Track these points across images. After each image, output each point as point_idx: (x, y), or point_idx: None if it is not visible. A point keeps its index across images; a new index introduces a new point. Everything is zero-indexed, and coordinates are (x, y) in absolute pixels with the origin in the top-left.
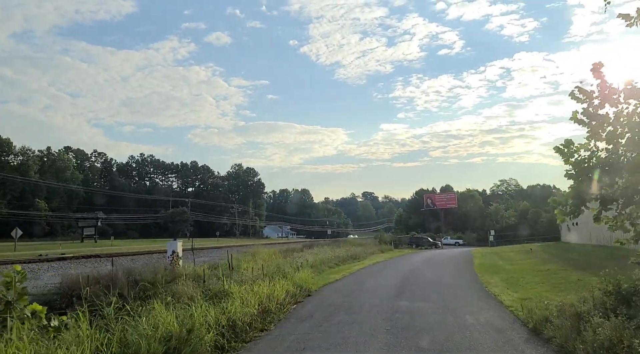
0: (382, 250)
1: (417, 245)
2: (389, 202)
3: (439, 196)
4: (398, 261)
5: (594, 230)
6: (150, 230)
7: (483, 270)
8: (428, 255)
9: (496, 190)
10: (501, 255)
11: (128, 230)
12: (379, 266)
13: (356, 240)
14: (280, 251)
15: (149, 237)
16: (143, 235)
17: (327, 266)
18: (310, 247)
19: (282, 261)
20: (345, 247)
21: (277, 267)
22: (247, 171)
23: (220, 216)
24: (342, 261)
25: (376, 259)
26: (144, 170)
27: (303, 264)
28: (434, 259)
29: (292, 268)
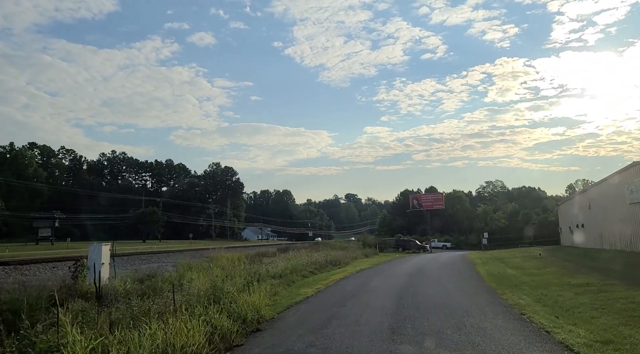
0: (367, 254)
1: (404, 248)
2: (372, 204)
3: (425, 196)
4: (386, 269)
5: (607, 233)
6: (119, 231)
7: (497, 283)
8: (419, 261)
9: (482, 191)
10: (506, 261)
11: (97, 232)
12: (364, 276)
13: (337, 243)
14: (248, 256)
15: (115, 239)
16: (112, 236)
17: (300, 275)
18: (284, 251)
19: (242, 270)
20: (325, 251)
21: (214, 286)
22: (225, 170)
23: (196, 218)
24: (319, 268)
25: (360, 265)
26: (116, 169)
27: (263, 275)
28: (428, 266)
29: (241, 283)
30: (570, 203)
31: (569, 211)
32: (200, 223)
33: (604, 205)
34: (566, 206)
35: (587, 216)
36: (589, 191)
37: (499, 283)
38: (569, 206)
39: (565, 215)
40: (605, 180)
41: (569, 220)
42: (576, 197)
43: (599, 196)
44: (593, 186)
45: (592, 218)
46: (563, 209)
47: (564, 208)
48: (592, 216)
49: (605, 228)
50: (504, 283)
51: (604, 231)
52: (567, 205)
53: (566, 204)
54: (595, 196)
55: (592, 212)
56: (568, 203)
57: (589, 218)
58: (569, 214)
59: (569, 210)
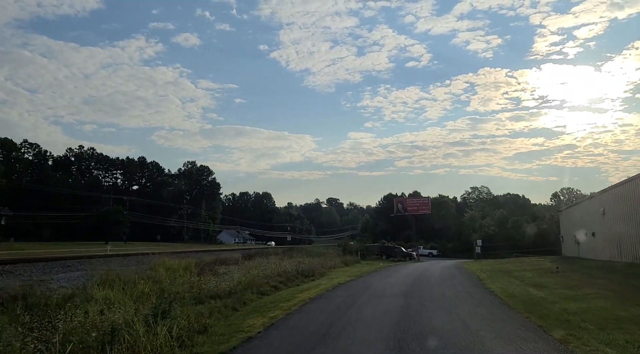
0: (347, 262)
1: (388, 255)
2: (354, 209)
3: (410, 200)
4: (371, 284)
5: (627, 243)
6: (82, 231)
7: (533, 313)
8: (409, 272)
9: (468, 197)
10: (516, 275)
11: (59, 231)
12: (342, 296)
13: (315, 248)
14: (201, 265)
15: (75, 239)
16: (73, 236)
17: (258, 293)
18: (250, 257)
19: (182, 284)
20: (298, 258)
21: None
22: (200, 169)
23: (167, 218)
24: (286, 281)
25: (338, 277)
26: (84, 165)
27: (205, 292)
28: (423, 280)
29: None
30: (575, 209)
31: (574, 218)
32: (172, 224)
33: (623, 211)
34: (570, 213)
35: (600, 224)
36: (603, 195)
37: (537, 314)
38: (573, 212)
39: (569, 222)
40: (625, 182)
41: (574, 227)
42: (585, 202)
43: (617, 201)
44: (609, 190)
45: (606, 225)
46: (566, 216)
47: (568, 214)
48: (606, 224)
49: (625, 238)
50: (545, 314)
51: (622, 241)
52: (571, 211)
53: (570, 210)
54: (611, 201)
55: (607, 219)
56: (573, 209)
57: (602, 225)
58: (573, 221)
59: (574, 216)
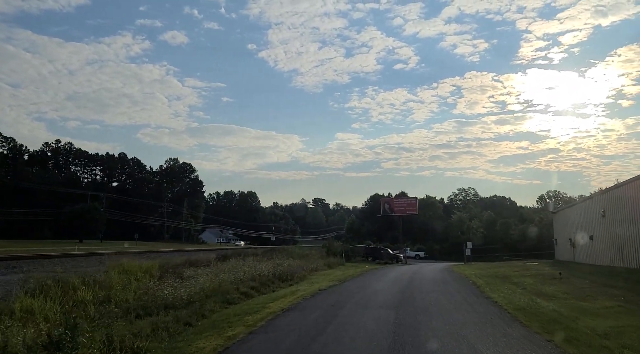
0: (330, 265)
1: (374, 257)
2: (340, 209)
3: (397, 201)
4: (356, 291)
5: (630, 247)
6: (56, 229)
7: (560, 336)
8: (398, 277)
9: (455, 199)
10: (515, 281)
11: (33, 229)
12: (321, 307)
13: (297, 249)
14: (167, 267)
15: (46, 237)
16: (50, 235)
17: (224, 302)
18: (225, 259)
19: (131, 291)
20: (278, 260)
21: None
22: (182, 166)
23: (147, 216)
24: (260, 286)
25: (319, 282)
26: (62, 161)
27: (160, 302)
28: (414, 286)
29: None
30: (571, 211)
31: (570, 220)
32: (152, 223)
33: (626, 213)
34: (565, 215)
35: (599, 226)
36: (604, 195)
37: (561, 335)
38: (569, 214)
39: (564, 224)
40: (629, 182)
41: (570, 230)
42: (582, 203)
43: (620, 202)
44: (610, 190)
45: (607, 228)
46: (561, 217)
47: (562, 216)
48: (607, 226)
49: (628, 242)
50: (571, 336)
51: (625, 245)
52: (566, 213)
53: (565, 212)
54: (613, 202)
55: (608, 221)
56: (568, 211)
57: (602, 228)
58: (569, 223)
59: (570, 218)
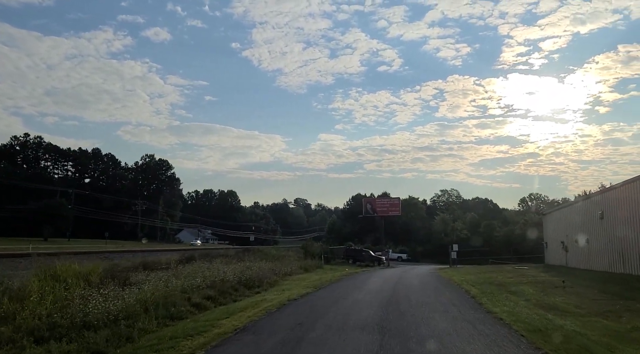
0: (307, 268)
1: (355, 260)
2: (322, 210)
3: (380, 201)
4: (330, 303)
5: (634, 252)
6: (20, 226)
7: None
8: (381, 283)
9: (437, 200)
10: (513, 290)
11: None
12: (286, 326)
13: (273, 250)
14: (114, 270)
15: (13, 235)
16: (6, 232)
17: (166, 317)
18: (189, 260)
19: (54, 302)
20: (248, 262)
21: None
22: (159, 163)
23: (121, 215)
24: (219, 295)
25: (291, 290)
26: (32, 155)
27: (78, 320)
28: (399, 295)
29: None
30: (564, 213)
31: (562, 222)
32: (126, 221)
33: (628, 214)
34: (557, 217)
35: (595, 229)
36: (602, 195)
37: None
38: (561, 216)
39: (556, 227)
40: (634, 181)
41: (562, 233)
42: (576, 204)
43: (621, 202)
44: (610, 190)
45: (605, 231)
46: (551, 220)
47: (554, 218)
48: (605, 229)
49: (631, 246)
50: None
51: (626, 250)
52: (558, 215)
53: (557, 214)
54: (613, 202)
55: (607, 223)
56: (560, 213)
57: (599, 231)
58: (561, 226)
59: (562, 220)
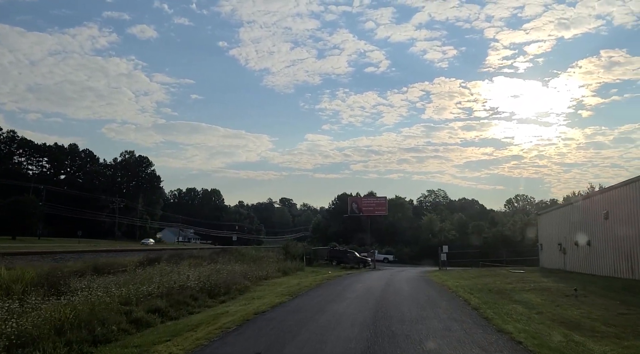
0: (286, 270)
1: (339, 261)
2: (307, 210)
3: (366, 200)
4: (304, 320)
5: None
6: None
7: None
8: (367, 289)
9: (424, 201)
10: (519, 300)
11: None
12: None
13: (251, 250)
14: (62, 274)
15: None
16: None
17: (86, 341)
18: (153, 263)
19: None
20: (222, 264)
21: None
22: (139, 160)
23: (98, 213)
24: (170, 307)
25: (262, 298)
26: (6, 150)
27: None
28: (387, 308)
29: None
30: (561, 212)
31: (560, 222)
32: (103, 219)
33: (638, 214)
34: (553, 217)
35: (599, 230)
36: (607, 194)
37: None
38: (558, 216)
39: (552, 227)
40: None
41: (560, 234)
42: (577, 204)
43: (630, 201)
44: (617, 187)
45: (610, 232)
46: (547, 220)
47: (550, 218)
48: (610, 230)
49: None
50: None
51: (636, 253)
52: (555, 215)
53: (554, 214)
54: (619, 201)
55: (612, 224)
56: (557, 213)
57: (603, 232)
58: (558, 227)
59: (560, 221)
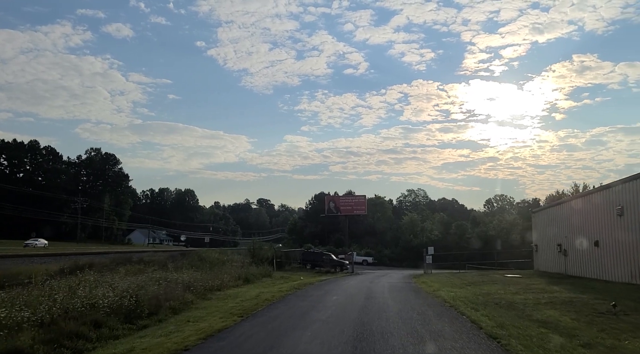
0: (249, 277)
1: (314, 265)
2: (285, 211)
3: (344, 199)
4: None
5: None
6: None
7: None
8: (343, 305)
9: (404, 200)
10: (541, 318)
11: None
12: None
13: (213, 253)
14: None
15: None
16: None
17: None
18: (76, 271)
19: None
20: (168, 272)
21: None
22: (105, 157)
23: (58, 213)
24: (40, 346)
25: (197, 323)
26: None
27: None
28: (374, 335)
29: None
30: (561, 210)
31: (560, 221)
32: (65, 220)
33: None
34: (551, 215)
35: (611, 229)
36: (621, 186)
37: None
38: (558, 213)
39: (550, 227)
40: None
41: (560, 233)
42: (580, 199)
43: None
44: (634, 179)
45: (625, 231)
46: (543, 218)
47: (546, 217)
48: (625, 229)
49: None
50: None
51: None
52: (553, 212)
53: (552, 211)
54: (637, 195)
55: (628, 222)
56: (556, 210)
57: (616, 231)
58: (558, 225)
59: (560, 219)
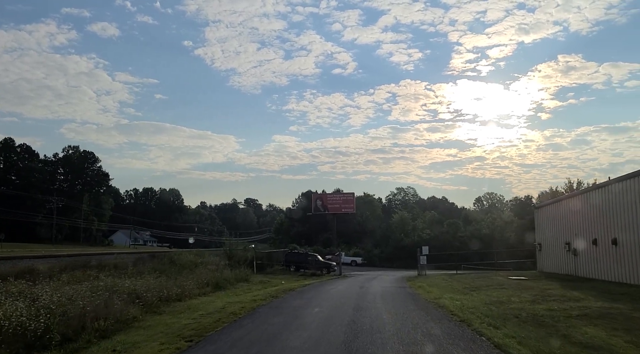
0: (220, 283)
1: (298, 266)
2: (273, 211)
3: (332, 197)
4: None
5: None
6: None
7: None
8: (326, 320)
9: (393, 199)
10: (578, 338)
11: None
12: None
13: (184, 256)
14: None
15: None
16: None
17: None
18: (16, 276)
19: None
20: (129, 277)
21: None
22: (83, 155)
23: (32, 214)
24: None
25: (134, 351)
26: None
27: None
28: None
29: None
30: (569, 204)
31: (569, 217)
32: (40, 220)
33: None
34: (558, 210)
35: (630, 226)
36: (635, 179)
37: None
38: (566, 209)
39: (556, 223)
40: None
41: (567, 231)
42: (592, 192)
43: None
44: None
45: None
46: (549, 215)
47: (551, 213)
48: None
49: None
50: None
51: None
52: (560, 208)
53: (558, 206)
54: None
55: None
56: (564, 205)
57: (637, 228)
58: (566, 222)
59: (569, 215)
